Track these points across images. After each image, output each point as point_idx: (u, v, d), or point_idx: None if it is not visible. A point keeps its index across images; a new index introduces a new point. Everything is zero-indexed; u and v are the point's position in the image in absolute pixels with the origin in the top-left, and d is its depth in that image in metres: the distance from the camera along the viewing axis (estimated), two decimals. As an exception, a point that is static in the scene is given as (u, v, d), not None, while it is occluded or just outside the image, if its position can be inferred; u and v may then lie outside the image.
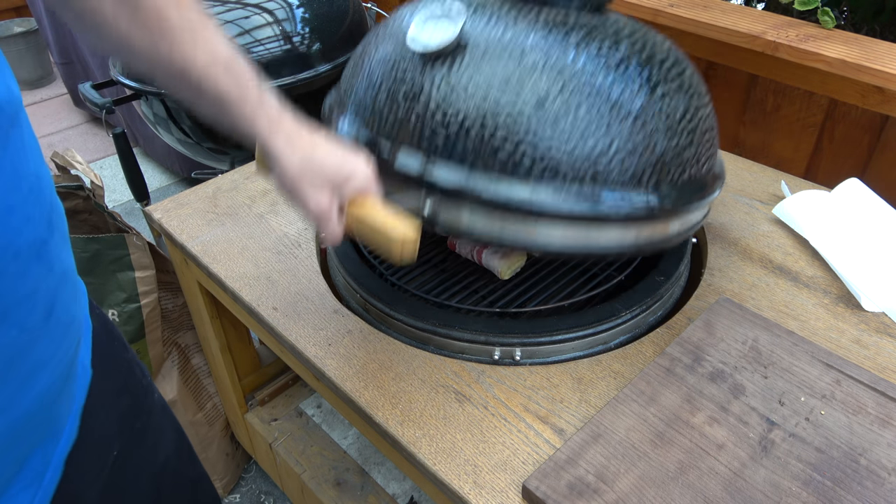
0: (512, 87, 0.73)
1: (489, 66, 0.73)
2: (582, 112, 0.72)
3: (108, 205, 1.65)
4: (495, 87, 0.73)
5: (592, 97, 0.72)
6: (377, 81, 0.80)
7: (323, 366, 0.82)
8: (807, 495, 0.63)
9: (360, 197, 0.68)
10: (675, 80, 0.77)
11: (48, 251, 0.50)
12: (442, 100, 0.74)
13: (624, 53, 0.75)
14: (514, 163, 0.72)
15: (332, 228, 0.68)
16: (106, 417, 0.66)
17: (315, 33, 1.41)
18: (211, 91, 0.63)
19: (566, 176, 0.73)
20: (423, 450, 0.72)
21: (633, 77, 0.74)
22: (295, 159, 0.65)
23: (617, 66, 0.74)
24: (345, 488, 1.17)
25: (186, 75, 0.62)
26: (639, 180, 0.74)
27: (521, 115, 0.72)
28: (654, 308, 0.89)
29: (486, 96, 0.73)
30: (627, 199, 0.74)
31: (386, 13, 1.69)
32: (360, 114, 0.82)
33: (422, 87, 0.75)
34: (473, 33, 0.76)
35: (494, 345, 0.82)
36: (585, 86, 0.72)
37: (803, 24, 1.21)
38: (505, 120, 0.72)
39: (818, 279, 0.92)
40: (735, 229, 1.01)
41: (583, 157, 0.72)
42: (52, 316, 0.51)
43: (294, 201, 0.68)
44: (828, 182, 1.19)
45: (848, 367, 0.76)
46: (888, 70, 1.07)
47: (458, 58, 0.75)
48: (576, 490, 0.64)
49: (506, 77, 0.73)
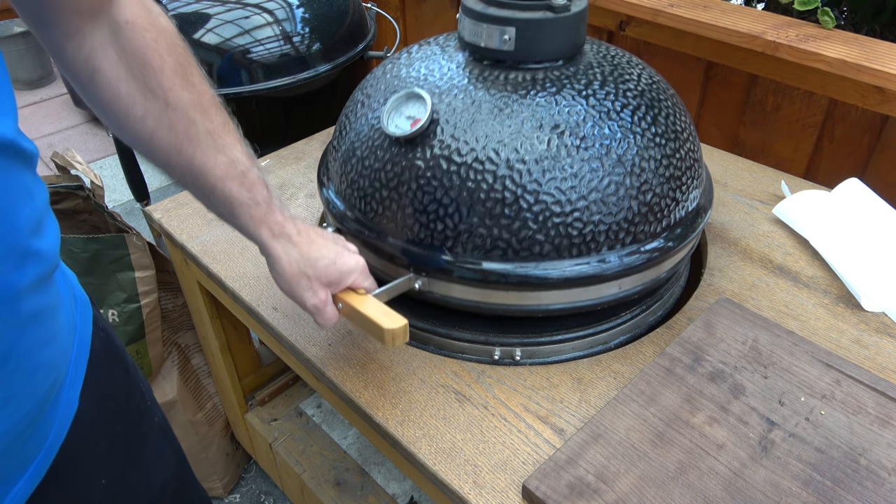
0: (481, 179, 0.74)
1: (459, 154, 0.75)
2: (562, 185, 0.74)
3: (108, 205, 1.65)
4: (466, 177, 0.75)
5: (566, 176, 0.74)
6: (356, 162, 0.83)
7: (323, 366, 0.82)
8: (807, 495, 0.63)
9: (353, 288, 0.74)
10: (647, 132, 0.78)
11: (13, 296, 0.48)
12: (417, 187, 0.76)
13: (589, 129, 0.75)
14: (492, 247, 0.75)
15: (326, 319, 0.72)
16: (95, 446, 0.66)
17: (315, 33, 1.41)
18: (223, 196, 0.65)
19: (555, 250, 0.75)
20: (423, 450, 0.72)
21: (601, 146, 0.75)
22: (293, 261, 0.69)
23: (587, 140, 0.75)
24: (345, 488, 1.16)
25: (203, 179, 0.64)
26: (620, 240, 0.77)
27: (492, 203, 0.74)
28: (654, 308, 0.89)
29: (460, 185, 0.75)
30: (615, 257, 0.77)
31: (386, 13, 1.69)
32: (345, 197, 0.85)
33: (399, 173, 0.78)
34: (445, 111, 0.77)
35: (494, 345, 0.82)
36: (556, 168, 0.74)
37: (803, 24, 1.21)
38: (480, 208, 0.74)
39: (818, 279, 0.92)
40: (735, 229, 1.01)
41: (568, 229, 0.75)
42: (8, 363, 0.49)
43: (292, 297, 0.71)
44: (828, 182, 1.19)
45: (848, 367, 0.76)
46: (888, 70, 1.07)
47: (430, 140, 0.76)
48: (576, 490, 0.64)
49: (476, 166, 0.75)
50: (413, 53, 0.87)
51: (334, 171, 0.88)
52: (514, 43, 0.77)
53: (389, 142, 0.79)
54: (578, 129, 0.74)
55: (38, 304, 0.52)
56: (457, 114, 0.76)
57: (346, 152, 0.85)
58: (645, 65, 0.87)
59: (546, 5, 0.76)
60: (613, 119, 0.76)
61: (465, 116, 0.75)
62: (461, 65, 0.81)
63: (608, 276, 0.77)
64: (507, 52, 0.78)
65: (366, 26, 1.54)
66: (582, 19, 0.79)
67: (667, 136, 0.79)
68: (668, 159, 0.78)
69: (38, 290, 0.52)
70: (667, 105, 0.81)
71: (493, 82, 0.77)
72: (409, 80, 0.82)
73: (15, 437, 0.53)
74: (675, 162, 0.79)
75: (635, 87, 0.80)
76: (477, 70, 0.79)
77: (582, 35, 0.81)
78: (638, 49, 1.42)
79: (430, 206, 0.75)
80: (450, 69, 0.81)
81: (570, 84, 0.77)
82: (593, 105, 0.76)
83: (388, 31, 1.93)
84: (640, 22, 1.35)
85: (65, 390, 0.60)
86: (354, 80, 1.53)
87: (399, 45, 1.81)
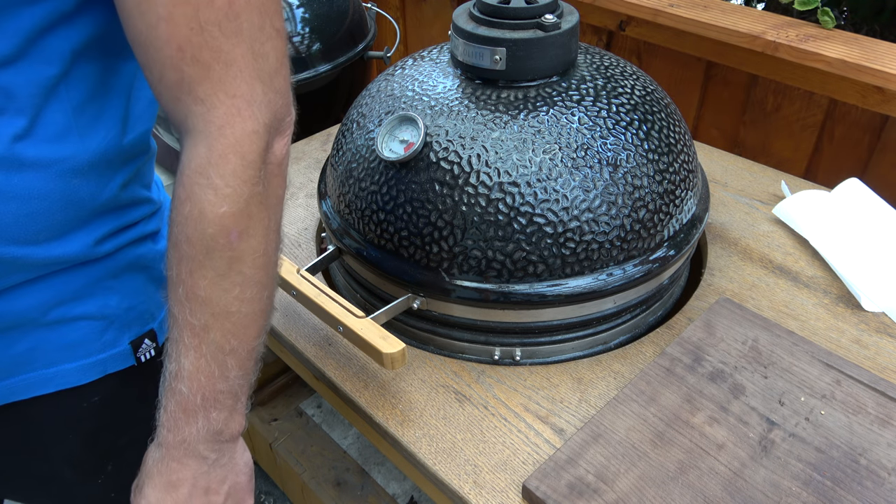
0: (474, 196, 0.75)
1: (452, 176, 0.76)
2: (554, 206, 0.74)
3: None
4: (459, 197, 0.75)
5: (559, 197, 0.74)
6: (353, 183, 0.83)
7: (323, 366, 0.82)
8: (807, 495, 0.63)
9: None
10: (640, 148, 0.78)
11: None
12: (412, 210, 0.77)
13: (581, 149, 0.75)
14: (488, 267, 0.76)
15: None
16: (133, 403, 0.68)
17: (315, 33, 1.41)
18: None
19: (549, 269, 0.76)
20: (423, 450, 0.72)
21: (593, 166, 0.75)
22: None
23: (578, 160, 0.75)
24: (345, 488, 1.16)
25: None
26: (614, 258, 0.77)
27: (483, 221, 0.74)
28: (654, 308, 0.89)
29: (454, 208, 0.75)
30: (611, 273, 0.77)
31: (386, 13, 1.69)
32: (343, 216, 0.86)
33: (394, 196, 0.78)
34: (438, 133, 0.77)
35: (494, 345, 0.82)
36: (549, 189, 0.74)
37: (803, 24, 1.21)
38: (475, 231, 0.75)
39: (818, 279, 0.92)
40: (735, 229, 1.01)
41: (572, 246, 0.75)
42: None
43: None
44: (828, 182, 1.19)
45: (848, 367, 0.76)
46: (888, 70, 1.07)
47: (423, 164, 0.76)
48: (576, 490, 0.64)
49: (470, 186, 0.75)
50: (407, 70, 0.88)
51: (332, 189, 0.89)
52: (506, 63, 0.77)
53: (384, 165, 0.79)
54: (570, 149, 0.75)
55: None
56: (450, 136, 0.76)
57: (343, 173, 0.85)
58: (640, 74, 0.87)
59: (536, 24, 0.76)
60: (606, 137, 0.76)
61: (458, 139, 0.76)
62: (454, 84, 0.81)
63: (605, 292, 0.77)
64: (498, 71, 0.78)
65: (366, 26, 1.54)
66: (573, 35, 0.79)
67: (660, 151, 0.79)
68: (661, 174, 0.79)
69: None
70: (661, 117, 0.81)
71: (486, 102, 0.78)
72: (404, 99, 0.82)
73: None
74: (669, 176, 0.80)
75: (628, 101, 0.80)
76: (469, 89, 0.80)
77: (573, 50, 0.81)
78: (638, 49, 1.42)
79: (425, 228, 0.76)
80: (444, 87, 0.81)
81: (563, 102, 0.77)
82: (585, 123, 0.76)
83: (388, 31, 1.93)
84: (640, 22, 1.35)
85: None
86: (354, 80, 1.53)
87: (399, 45, 1.81)
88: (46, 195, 0.53)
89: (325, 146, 1.24)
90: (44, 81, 0.50)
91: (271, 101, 0.49)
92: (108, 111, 0.56)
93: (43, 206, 0.53)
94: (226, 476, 0.58)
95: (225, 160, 0.47)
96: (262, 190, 0.50)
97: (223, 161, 0.47)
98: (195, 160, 0.48)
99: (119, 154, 0.58)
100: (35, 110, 0.50)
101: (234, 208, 0.48)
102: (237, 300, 0.51)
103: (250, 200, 0.49)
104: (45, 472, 0.68)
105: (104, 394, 0.66)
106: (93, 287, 0.61)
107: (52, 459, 0.67)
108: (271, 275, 0.54)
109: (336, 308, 0.76)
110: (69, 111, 0.52)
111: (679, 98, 1.40)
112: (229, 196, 0.48)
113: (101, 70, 0.54)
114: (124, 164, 0.59)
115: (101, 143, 0.55)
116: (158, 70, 0.47)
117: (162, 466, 0.55)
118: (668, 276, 0.85)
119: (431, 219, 0.76)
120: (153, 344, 0.68)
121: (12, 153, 0.50)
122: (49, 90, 0.50)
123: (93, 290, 0.61)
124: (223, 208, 0.48)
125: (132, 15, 0.45)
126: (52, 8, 0.48)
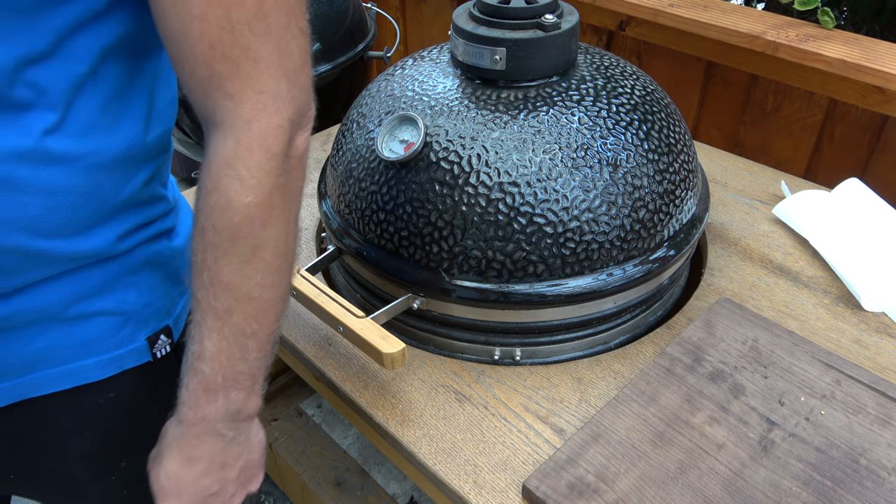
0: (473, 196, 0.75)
1: (452, 175, 0.75)
2: (554, 206, 0.74)
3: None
4: (459, 198, 0.75)
5: (559, 197, 0.74)
6: (353, 183, 0.83)
7: (323, 366, 0.82)
8: (807, 495, 0.63)
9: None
10: (640, 148, 0.78)
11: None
12: (412, 210, 0.77)
13: (581, 149, 0.75)
14: (488, 268, 0.76)
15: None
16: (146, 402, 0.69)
17: (315, 33, 1.41)
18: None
19: (549, 270, 0.76)
20: (423, 450, 0.72)
21: (593, 166, 0.75)
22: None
23: (578, 160, 0.75)
24: (345, 488, 1.16)
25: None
26: (614, 258, 0.77)
27: (483, 221, 0.74)
28: (654, 308, 0.89)
29: (454, 208, 0.75)
30: (611, 273, 0.77)
31: (386, 13, 1.69)
32: (343, 216, 0.86)
33: (394, 196, 0.78)
34: (438, 133, 0.77)
35: (494, 345, 0.82)
36: (549, 189, 0.74)
37: (803, 24, 1.21)
38: (474, 231, 0.75)
39: (818, 279, 0.92)
40: (735, 229, 1.01)
41: (575, 245, 0.75)
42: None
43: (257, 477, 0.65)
44: (828, 182, 1.19)
45: (848, 367, 0.76)
46: (888, 70, 1.07)
47: (423, 164, 0.76)
48: (576, 490, 0.64)
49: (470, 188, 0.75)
50: (407, 70, 0.88)
51: (332, 189, 0.89)
52: (506, 63, 0.77)
53: (385, 165, 0.79)
54: (570, 149, 0.75)
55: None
56: (450, 136, 0.76)
57: (343, 173, 0.85)
58: (640, 74, 0.87)
59: (536, 24, 0.76)
60: (606, 137, 0.76)
61: (458, 139, 0.76)
62: (454, 84, 0.81)
63: (605, 292, 0.77)
64: (498, 71, 0.78)
65: (366, 26, 1.54)
66: (573, 35, 0.79)
67: (660, 151, 0.79)
68: (661, 174, 0.79)
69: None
70: (661, 117, 0.81)
71: (486, 102, 0.78)
72: (404, 99, 0.82)
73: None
74: (669, 176, 0.80)
75: (628, 101, 0.80)
76: (469, 89, 0.80)
77: (573, 50, 0.81)
78: (638, 49, 1.42)
79: (425, 228, 0.76)
80: (444, 87, 0.81)
81: (563, 101, 0.77)
82: (585, 123, 0.76)
83: (388, 31, 1.93)
84: (640, 22, 1.35)
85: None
86: (354, 80, 1.53)
87: (399, 45, 1.81)
88: (72, 189, 0.54)
89: (325, 146, 1.24)
90: (73, 78, 0.51)
91: (295, 96, 0.51)
92: (133, 109, 0.57)
93: (69, 199, 0.54)
94: (241, 453, 0.61)
95: (251, 153, 0.49)
96: (284, 181, 0.52)
97: (249, 154, 0.49)
98: (222, 152, 0.50)
99: (142, 151, 0.59)
100: (65, 106, 0.51)
101: (259, 198, 0.50)
102: (259, 286, 0.53)
103: (273, 191, 0.51)
104: (59, 469, 0.68)
105: (120, 390, 0.66)
106: (112, 283, 0.62)
107: (67, 456, 0.67)
108: (290, 262, 0.56)
109: (336, 308, 0.76)
110: (96, 108, 0.53)
111: (679, 98, 1.40)
112: (254, 187, 0.50)
113: (127, 68, 0.55)
114: (146, 161, 0.60)
115: (126, 140, 0.56)
116: (190, 66, 0.48)
117: (182, 441, 0.57)
118: (668, 276, 0.85)
119: (431, 219, 0.76)
120: (169, 340, 0.69)
121: (42, 147, 0.51)
122: (78, 87, 0.52)
123: (112, 286, 0.62)
124: (248, 198, 0.50)
125: (167, 13, 0.47)
126: (83, 7, 0.49)
